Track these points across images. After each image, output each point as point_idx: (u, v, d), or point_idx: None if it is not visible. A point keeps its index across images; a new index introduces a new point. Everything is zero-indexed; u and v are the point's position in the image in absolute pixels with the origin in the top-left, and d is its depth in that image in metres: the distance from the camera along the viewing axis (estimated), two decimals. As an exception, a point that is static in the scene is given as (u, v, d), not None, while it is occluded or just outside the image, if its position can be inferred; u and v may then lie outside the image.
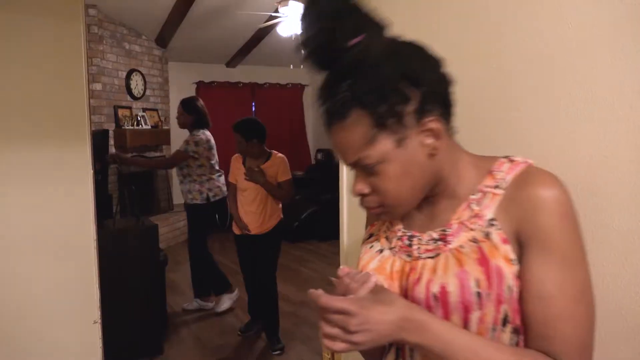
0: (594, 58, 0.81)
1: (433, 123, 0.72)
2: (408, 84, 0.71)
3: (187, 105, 3.82)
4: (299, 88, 8.02)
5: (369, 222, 0.95)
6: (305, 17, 0.74)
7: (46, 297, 2.17)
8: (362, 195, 0.78)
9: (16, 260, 2.11)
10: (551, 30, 0.88)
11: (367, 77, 0.71)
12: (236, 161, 3.38)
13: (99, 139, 3.47)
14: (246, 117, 3.40)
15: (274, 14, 5.06)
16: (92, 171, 2.22)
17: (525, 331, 0.71)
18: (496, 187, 0.74)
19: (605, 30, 0.80)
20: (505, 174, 0.75)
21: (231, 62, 7.35)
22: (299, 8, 4.69)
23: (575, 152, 0.85)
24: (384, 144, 0.72)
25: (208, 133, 3.83)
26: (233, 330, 3.55)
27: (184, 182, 3.80)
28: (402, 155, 0.73)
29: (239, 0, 5.36)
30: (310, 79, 8.05)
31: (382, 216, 0.81)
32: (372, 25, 0.75)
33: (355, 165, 0.76)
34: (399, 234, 0.83)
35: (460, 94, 1.12)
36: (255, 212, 3.26)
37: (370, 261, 0.84)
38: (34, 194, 2.12)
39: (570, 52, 0.85)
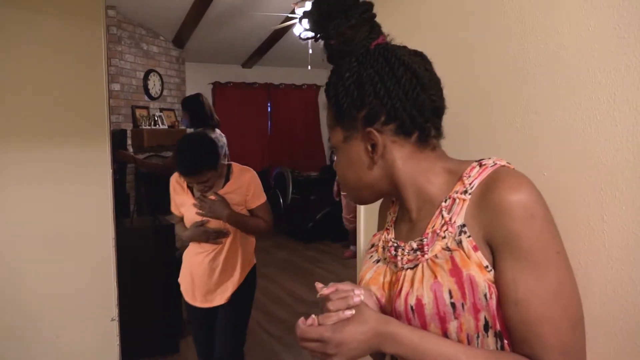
0: (615, 60, 0.80)
1: (373, 134, 0.77)
2: (363, 93, 0.76)
3: (183, 103, 3.71)
4: (314, 89, 8.02)
5: (379, 228, 0.96)
6: (315, 4, 0.81)
7: (64, 295, 2.20)
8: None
9: (35, 258, 2.15)
10: (571, 32, 0.87)
11: (336, 74, 0.80)
12: (177, 183, 2.14)
13: (117, 139, 3.51)
14: (188, 142, 2.05)
15: (290, 15, 5.08)
16: (111, 170, 2.25)
17: (508, 335, 0.72)
18: (464, 192, 0.75)
19: (626, 32, 0.79)
20: (474, 178, 0.75)
21: (247, 63, 7.39)
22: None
23: (596, 155, 0.84)
24: (337, 135, 0.82)
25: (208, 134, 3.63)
26: (247, 329, 3.57)
27: None
28: (347, 150, 0.81)
29: (256, 1, 5.38)
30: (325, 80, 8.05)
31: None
32: (360, 30, 0.78)
33: None
34: (389, 244, 0.85)
35: (477, 96, 1.12)
36: (215, 269, 2.06)
37: (367, 272, 0.87)
38: (54, 193, 2.16)
39: (590, 55, 0.84)
